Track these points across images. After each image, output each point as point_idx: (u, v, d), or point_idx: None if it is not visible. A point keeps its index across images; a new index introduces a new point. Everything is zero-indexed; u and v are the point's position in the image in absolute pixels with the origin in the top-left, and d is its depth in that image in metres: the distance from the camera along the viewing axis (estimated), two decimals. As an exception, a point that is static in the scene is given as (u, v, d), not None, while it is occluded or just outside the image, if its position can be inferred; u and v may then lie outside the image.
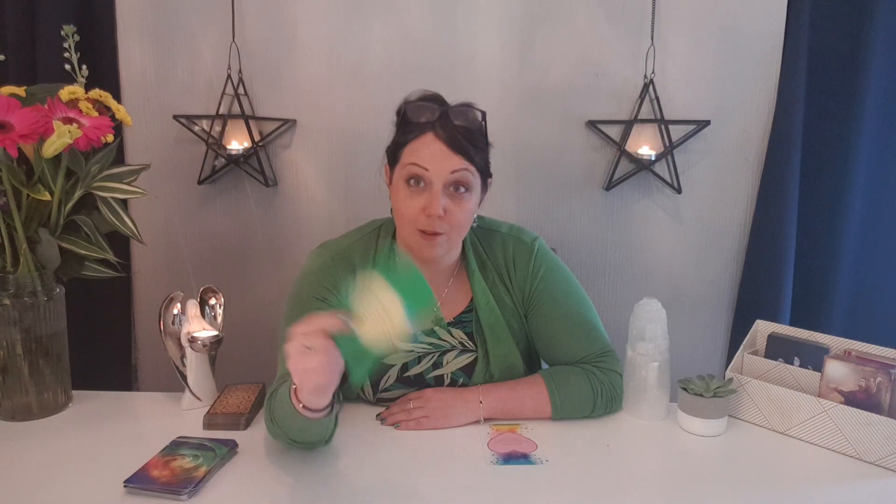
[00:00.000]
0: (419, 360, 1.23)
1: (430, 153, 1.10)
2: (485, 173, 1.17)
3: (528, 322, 1.26)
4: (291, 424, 1.00)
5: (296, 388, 0.93)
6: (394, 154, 1.16)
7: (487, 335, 1.22)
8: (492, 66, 1.68)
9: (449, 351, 1.24)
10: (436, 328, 1.24)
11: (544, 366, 1.33)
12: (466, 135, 1.11)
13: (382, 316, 0.84)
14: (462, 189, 1.12)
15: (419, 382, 1.23)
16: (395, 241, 1.25)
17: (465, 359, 1.24)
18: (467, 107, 1.14)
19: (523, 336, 1.27)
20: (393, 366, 1.23)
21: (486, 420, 1.18)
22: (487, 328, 1.22)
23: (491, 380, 1.23)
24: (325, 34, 1.69)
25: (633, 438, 1.16)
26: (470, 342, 1.24)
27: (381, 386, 1.23)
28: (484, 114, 1.16)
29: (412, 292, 0.85)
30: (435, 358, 1.23)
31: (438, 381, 1.24)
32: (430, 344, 1.23)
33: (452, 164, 1.10)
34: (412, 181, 1.12)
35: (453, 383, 1.24)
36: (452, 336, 1.24)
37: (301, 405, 0.93)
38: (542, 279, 1.24)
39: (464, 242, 1.24)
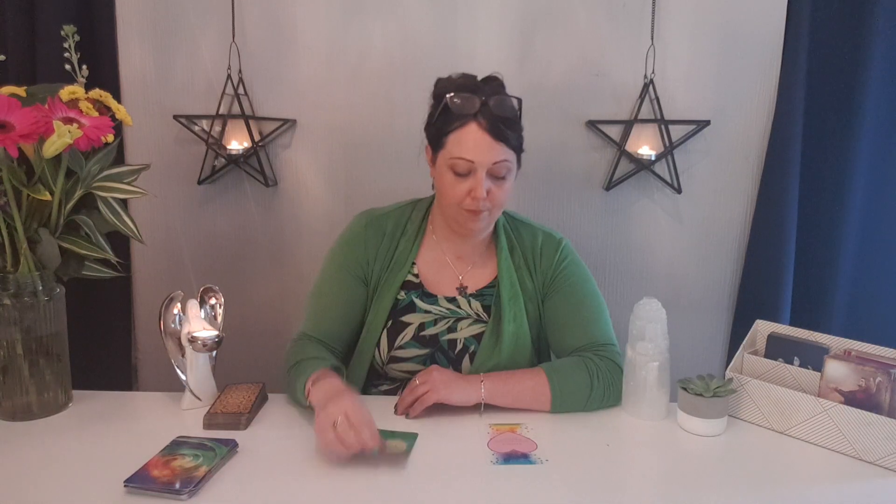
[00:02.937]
0: (436, 322, 1.31)
1: (474, 143, 1.19)
2: (519, 151, 1.26)
3: (544, 305, 1.33)
4: (301, 398, 1.17)
5: (309, 392, 1.13)
6: (437, 139, 1.24)
7: (505, 309, 1.29)
8: (492, 66, 1.66)
9: (464, 318, 1.32)
10: (458, 297, 1.33)
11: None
12: (507, 123, 1.21)
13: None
14: (503, 174, 1.22)
15: (433, 343, 1.30)
16: (427, 215, 1.37)
17: (478, 328, 1.31)
18: (504, 96, 1.23)
19: (537, 322, 1.34)
20: (410, 324, 1.30)
21: (486, 405, 1.19)
22: (506, 302, 1.29)
23: (499, 354, 1.28)
24: (325, 34, 1.69)
25: (633, 438, 1.16)
26: (485, 314, 1.32)
27: (396, 343, 1.30)
28: (520, 101, 1.25)
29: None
30: (450, 323, 1.31)
31: (451, 345, 1.30)
32: (449, 310, 1.32)
33: (494, 156, 1.19)
34: (458, 171, 1.21)
35: (465, 349, 1.30)
36: (470, 307, 1.33)
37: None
38: (564, 269, 1.33)
39: (496, 224, 1.34)
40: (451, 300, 1.33)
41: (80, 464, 1.05)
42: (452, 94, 1.21)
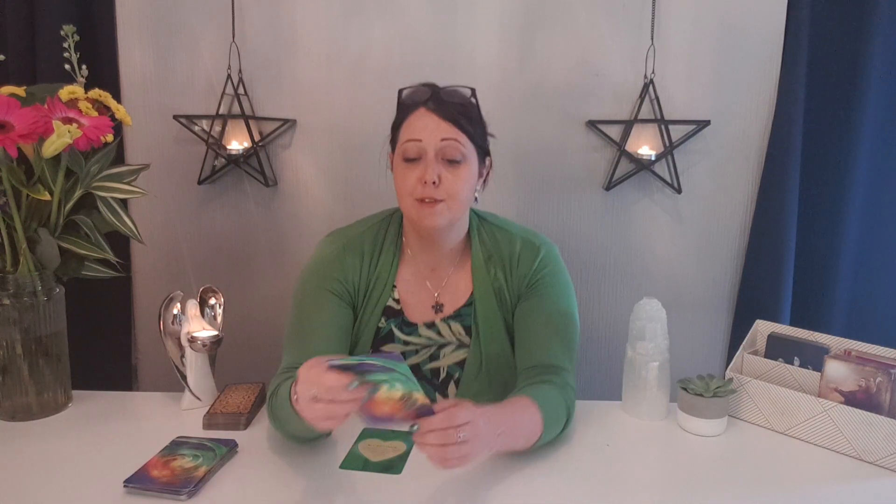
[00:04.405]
0: (417, 351, 1.24)
1: (422, 124, 1.14)
2: (481, 148, 1.20)
3: (515, 311, 1.24)
4: (295, 426, 0.99)
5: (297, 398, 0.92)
6: (393, 138, 1.21)
7: (482, 329, 1.23)
8: (492, 66, 1.68)
9: (446, 345, 1.25)
10: (436, 322, 1.24)
11: None
12: (457, 108, 1.16)
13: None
14: (456, 159, 1.15)
15: (415, 373, 1.23)
16: (402, 227, 1.28)
17: (462, 354, 1.25)
18: (456, 88, 1.19)
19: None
20: (391, 353, 1.23)
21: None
22: (483, 321, 1.23)
23: (482, 379, 1.22)
24: (325, 34, 1.69)
25: (633, 438, 1.16)
26: (467, 337, 1.25)
27: None
28: (473, 90, 1.20)
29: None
30: (432, 351, 1.25)
31: (434, 374, 1.25)
32: (429, 338, 1.24)
33: (442, 132, 1.14)
34: (409, 156, 1.15)
35: (449, 377, 1.25)
36: (451, 330, 1.25)
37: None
38: (542, 277, 1.23)
39: (470, 233, 1.26)
40: (431, 326, 1.24)
41: (80, 464, 1.05)
42: (405, 88, 1.20)
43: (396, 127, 1.20)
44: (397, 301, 1.24)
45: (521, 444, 1.04)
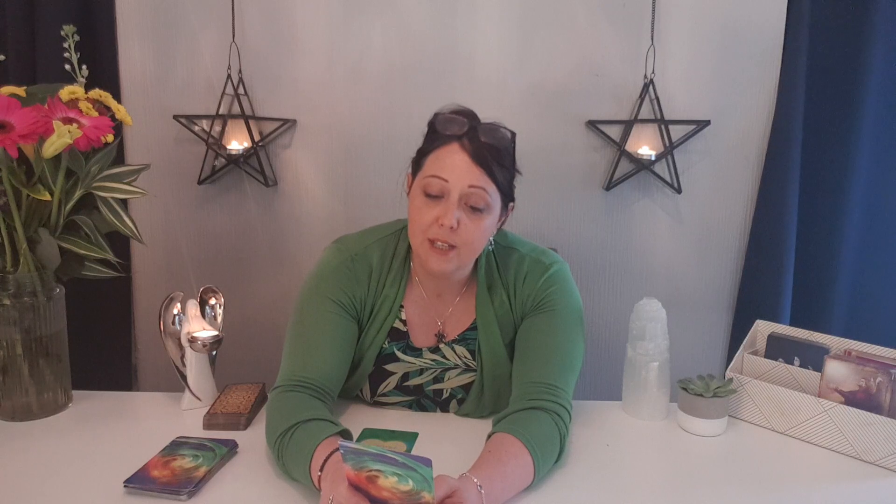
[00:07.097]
0: (421, 371, 1.22)
1: (451, 163, 1.08)
2: (507, 195, 1.14)
3: (519, 328, 1.19)
4: (300, 477, 0.97)
5: (320, 476, 0.91)
6: (417, 162, 1.14)
7: (485, 356, 1.19)
8: (491, 67, 1.68)
9: (451, 369, 1.22)
10: (441, 346, 1.21)
11: None
12: (492, 152, 1.09)
13: None
14: (479, 208, 1.09)
15: (418, 392, 1.23)
16: (410, 250, 1.20)
17: (467, 378, 1.22)
18: (497, 126, 1.12)
19: None
20: (394, 374, 1.22)
21: None
22: (486, 349, 1.19)
23: (484, 406, 1.21)
24: (325, 34, 1.69)
25: (633, 438, 1.16)
26: (473, 360, 1.21)
27: (379, 390, 1.23)
28: (513, 135, 1.14)
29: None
30: (437, 373, 1.22)
31: (437, 394, 1.23)
32: (434, 360, 1.21)
33: (472, 179, 1.07)
34: (430, 192, 1.09)
35: (451, 398, 1.23)
36: (456, 354, 1.21)
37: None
38: (549, 295, 1.17)
39: (478, 260, 1.19)
40: (435, 350, 1.21)
41: (80, 464, 1.05)
42: (441, 114, 1.12)
43: (423, 153, 1.13)
44: (404, 322, 1.20)
45: (515, 491, 0.98)
